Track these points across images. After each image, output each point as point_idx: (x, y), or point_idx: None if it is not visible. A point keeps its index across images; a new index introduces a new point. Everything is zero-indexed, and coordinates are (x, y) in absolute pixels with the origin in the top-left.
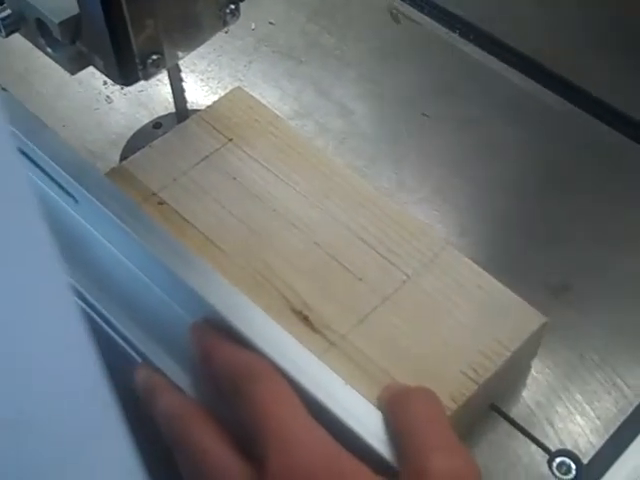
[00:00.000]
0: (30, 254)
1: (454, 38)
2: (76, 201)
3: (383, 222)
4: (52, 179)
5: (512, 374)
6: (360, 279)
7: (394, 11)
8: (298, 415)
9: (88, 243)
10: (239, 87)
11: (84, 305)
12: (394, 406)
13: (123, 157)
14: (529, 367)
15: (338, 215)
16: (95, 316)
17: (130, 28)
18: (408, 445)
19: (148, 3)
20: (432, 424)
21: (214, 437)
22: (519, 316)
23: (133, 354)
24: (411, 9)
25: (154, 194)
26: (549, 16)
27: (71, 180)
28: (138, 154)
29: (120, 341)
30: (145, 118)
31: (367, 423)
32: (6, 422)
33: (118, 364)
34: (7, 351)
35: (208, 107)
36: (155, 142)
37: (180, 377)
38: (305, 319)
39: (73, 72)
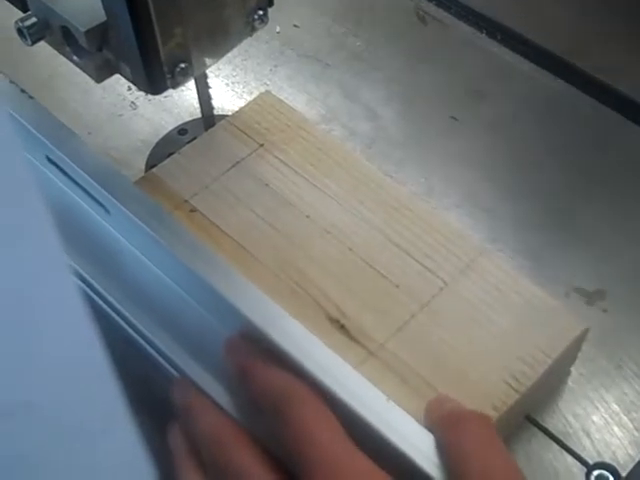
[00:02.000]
0: (33, 243)
1: (481, 39)
2: (107, 211)
3: (418, 227)
4: (82, 189)
5: (551, 383)
6: (397, 286)
7: (420, 12)
8: (340, 440)
9: (120, 254)
10: (268, 91)
11: (117, 317)
12: (448, 429)
13: (148, 164)
14: (568, 375)
15: (372, 220)
16: (127, 327)
17: (158, 36)
18: (469, 470)
19: (176, 11)
20: (491, 448)
21: (255, 461)
22: (559, 323)
23: (168, 367)
24: (438, 9)
25: (185, 201)
26: (577, 14)
27: (102, 190)
28: (167, 161)
29: (154, 354)
30: (170, 124)
31: (410, 439)
32: (12, 407)
33: (150, 376)
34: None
35: (236, 112)
36: (184, 149)
37: (217, 392)
38: (342, 328)
39: (99, 80)
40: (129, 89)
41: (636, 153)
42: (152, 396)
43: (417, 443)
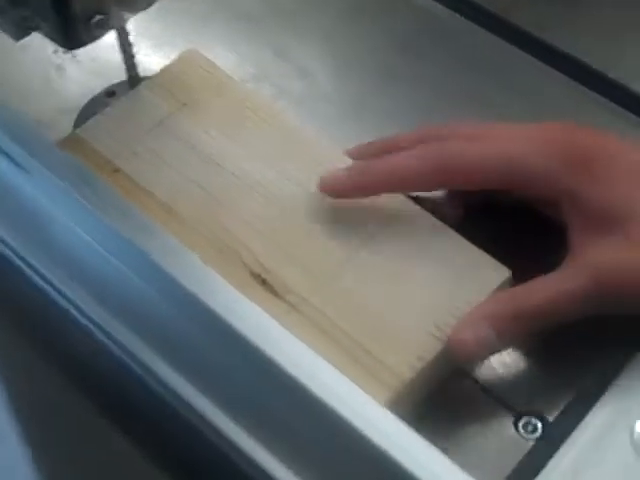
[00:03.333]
0: None
1: None
2: (29, 173)
3: None
4: (1, 151)
5: None
6: (321, 241)
7: None
8: None
9: (43, 216)
10: (193, 49)
11: (39, 280)
12: None
13: (76, 127)
14: None
15: (297, 176)
16: (52, 291)
17: None
18: None
19: None
20: None
21: None
22: (484, 270)
23: (91, 326)
24: None
25: (109, 162)
26: None
27: (22, 151)
28: (90, 122)
29: (76, 313)
30: (99, 87)
31: (333, 387)
32: None
33: (75, 338)
34: None
35: (160, 71)
36: (107, 109)
37: (133, 341)
38: (264, 282)
39: (17, 38)
40: (55, 51)
41: (572, 108)
42: (72, 358)
43: (338, 391)
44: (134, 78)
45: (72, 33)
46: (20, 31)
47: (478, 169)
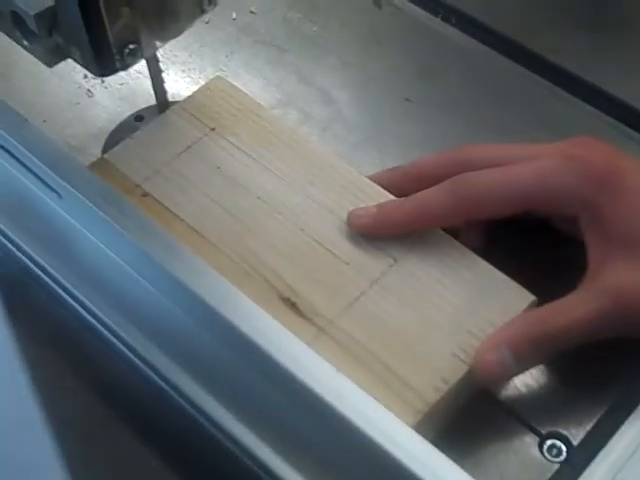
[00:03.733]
0: None
1: (436, 22)
2: (60, 196)
3: (367, 205)
4: (34, 174)
5: None
6: (347, 263)
7: None
8: None
9: (74, 238)
10: (219, 76)
11: (70, 300)
12: None
13: (105, 151)
14: None
15: (322, 200)
16: (82, 310)
17: (105, 17)
18: None
19: None
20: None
21: None
22: (507, 296)
23: (120, 346)
24: None
25: (137, 186)
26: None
27: (53, 175)
28: (119, 146)
29: (108, 335)
30: (127, 111)
31: (360, 410)
32: None
33: (106, 358)
34: None
35: (188, 97)
36: (136, 134)
37: (166, 365)
38: (293, 306)
39: (50, 65)
40: (85, 77)
41: (588, 132)
42: (104, 377)
43: (366, 413)
44: (163, 103)
45: (105, 62)
46: (53, 57)
47: (507, 200)
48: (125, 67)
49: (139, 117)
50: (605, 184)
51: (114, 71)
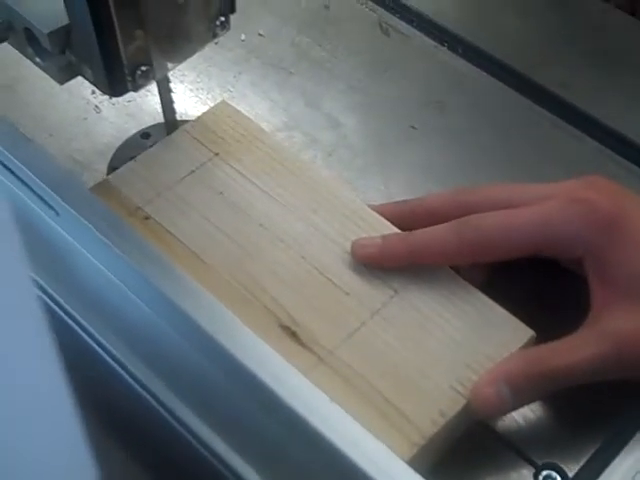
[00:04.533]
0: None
1: (443, 51)
2: (57, 214)
3: (369, 235)
4: (32, 191)
5: None
6: (347, 293)
7: (384, 24)
8: None
9: (70, 256)
10: (224, 101)
11: (66, 317)
12: None
13: (111, 167)
14: None
15: (325, 229)
16: (77, 329)
17: (119, 39)
18: None
19: (137, 14)
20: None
21: None
22: (507, 330)
23: (115, 366)
24: (401, 22)
25: (139, 208)
26: (537, 31)
27: (51, 192)
28: (122, 168)
29: (104, 354)
30: (133, 128)
31: (352, 440)
32: None
33: (100, 377)
34: None
35: (193, 121)
36: (140, 156)
37: (160, 388)
38: (293, 335)
39: (62, 82)
40: (93, 93)
41: (591, 167)
42: (105, 401)
43: (360, 444)
44: (172, 123)
45: (117, 82)
46: (65, 75)
47: (512, 244)
48: (136, 88)
49: (145, 134)
50: (609, 229)
51: (125, 92)
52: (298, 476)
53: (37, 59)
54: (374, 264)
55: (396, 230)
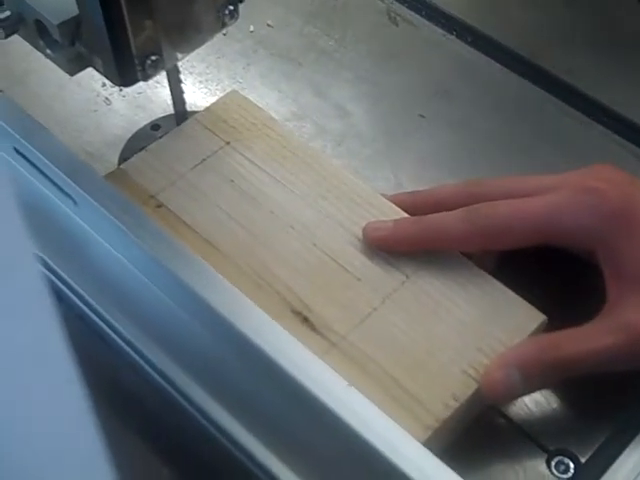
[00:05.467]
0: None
1: (451, 40)
2: (75, 203)
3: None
4: (50, 180)
5: None
6: (359, 279)
7: (392, 14)
8: None
9: (88, 245)
10: (235, 90)
11: (83, 306)
12: None
13: (121, 159)
14: None
15: (335, 215)
16: (95, 317)
17: (129, 29)
18: None
19: (147, 4)
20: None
21: None
22: (518, 314)
23: (132, 353)
24: (409, 11)
25: (152, 197)
26: (544, 19)
27: (69, 181)
28: (135, 158)
29: (120, 342)
30: (144, 120)
31: (371, 424)
32: None
33: (116, 365)
34: None
35: (204, 111)
36: (151, 145)
37: (184, 381)
38: (305, 320)
39: (72, 73)
40: (103, 85)
41: (600, 155)
42: (118, 387)
43: (377, 428)
44: (181, 113)
45: (127, 72)
46: (75, 66)
47: (522, 233)
48: (146, 78)
49: (156, 126)
50: (620, 220)
51: (135, 81)
52: (312, 457)
53: (48, 51)
54: (385, 247)
55: (406, 216)
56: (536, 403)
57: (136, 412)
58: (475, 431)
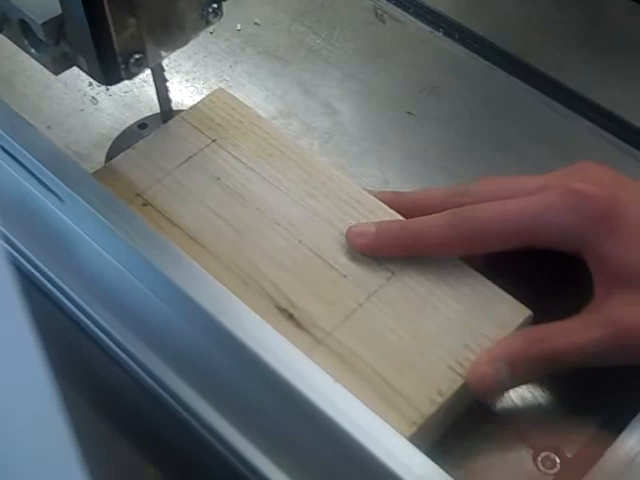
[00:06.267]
0: None
1: (438, 37)
2: (61, 200)
3: (367, 219)
4: (35, 177)
5: None
6: (345, 276)
7: (379, 11)
8: None
9: (73, 242)
10: (221, 88)
11: (70, 305)
12: None
13: (108, 158)
14: None
15: (322, 213)
16: (81, 315)
17: (112, 27)
18: None
19: (129, 3)
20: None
21: None
22: (504, 310)
23: (117, 350)
24: (396, 9)
25: (138, 195)
26: (530, 15)
27: (55, 179)
28: (121, 156)
29: (105, 339)
30: (130, 119)
31: (355, 419)
32: None
33: (102, 363)
34: None
35: (190, 109)
36: (138, 143)
37: (162, 369)
38: (290, 317)
39: (57, 72)
40: (90, 84)
41: (587, 151)
42: (101, 384)
43: (361, 423)
44: (167, 112)
45: (111, 71)
46: (60, 66)
47: (505, 236)
48: (130, 76)
49: (143, 125)
50: (605, 220)
51: (119, 80)
52: (298, 453)
53: (32, 50)
54: (369, 254)
55: (393, 213)
56: (522, 398)
57: (118, 408)
58: (461, 426)
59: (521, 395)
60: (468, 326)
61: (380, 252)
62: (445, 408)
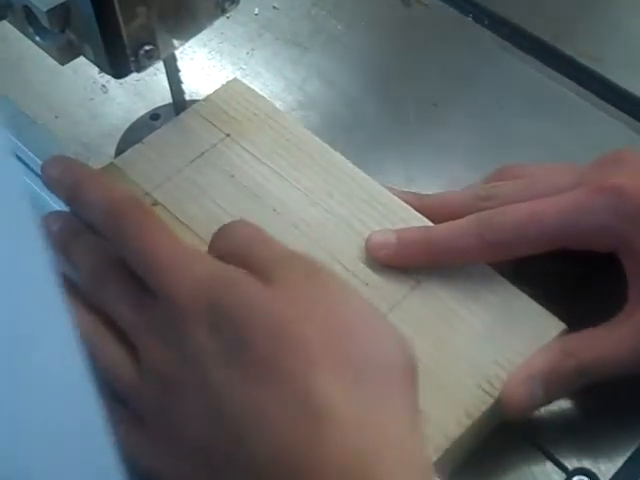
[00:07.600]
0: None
1: (467, 22)
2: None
3: (390, 222)
4: (39, 176)
5: None
6: (366, 284)
7: None
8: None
9: None
10: (236, 78)
11: None
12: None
13: (119, 150)
14: None
15: (342, 214)
16: None
17: (120, 16)
18: None
19: None
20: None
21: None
22: (536, 323)
23: None
24: None
25: (147, 194)
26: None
27: None
28: (129, 151)
29: None
30: (142, 109)
31: None
32: None
33: None
34: None
35: (203, 100)
36: (148, 138)
37: None
38: None
39: (63, 62)
40: (100, 72)
41: (621, 143)
42: None
43: None
44: (180, 103)
45: (119, 63)
46: (66, 55)
47: (537, 240)
48: (140, 69)
49: (155, 115)
50: (637, 218)
51: (128, 73)
52: None
53: (37, 38)
54: (391, 265)
55: (417, 215)
56: (555, 418)
57: None
58: (489, 447)
59: (553, 414)
60: (498, 340)
61: (405, 263)
62: (473, 430)
